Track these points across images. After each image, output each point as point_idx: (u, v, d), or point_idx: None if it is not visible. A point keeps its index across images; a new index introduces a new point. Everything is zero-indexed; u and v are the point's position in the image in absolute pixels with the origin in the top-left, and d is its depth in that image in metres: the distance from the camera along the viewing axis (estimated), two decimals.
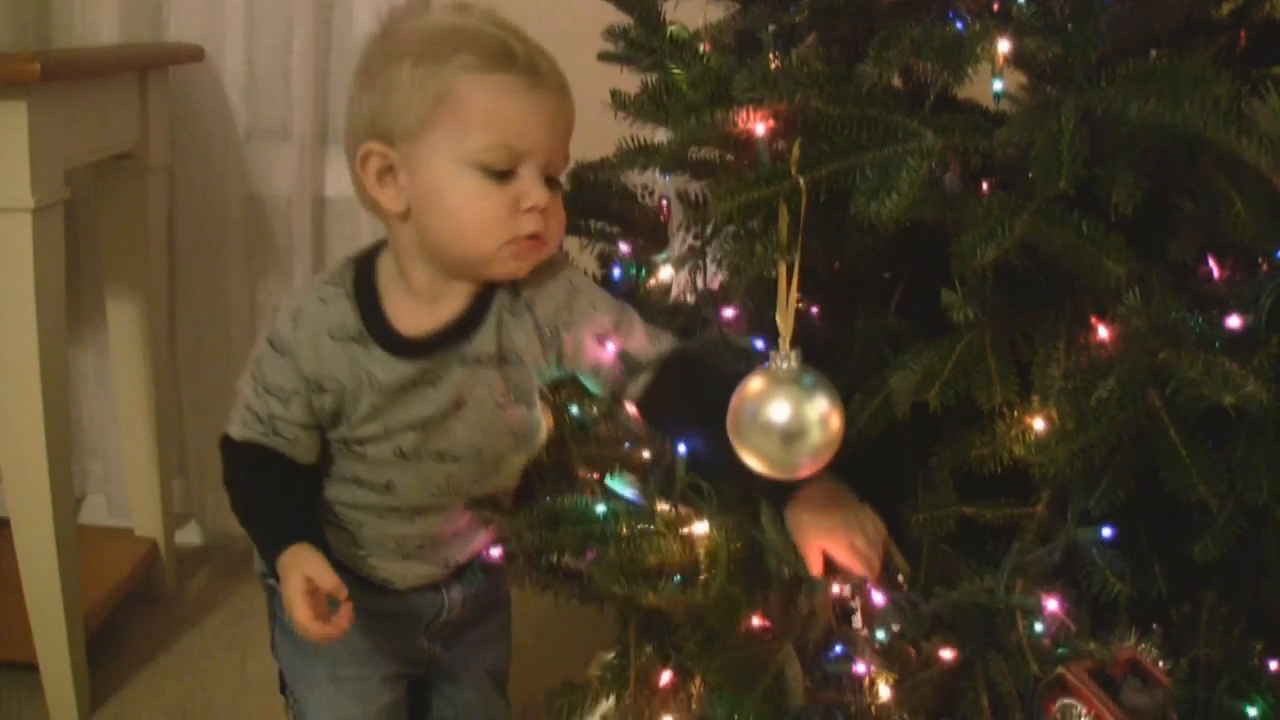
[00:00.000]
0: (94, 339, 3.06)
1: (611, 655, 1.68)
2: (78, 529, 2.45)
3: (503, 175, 1.48)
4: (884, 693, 1.46)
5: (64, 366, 2.30)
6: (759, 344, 1.53)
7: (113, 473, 3.12)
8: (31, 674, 2.39)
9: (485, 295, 1.59)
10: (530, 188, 1.49)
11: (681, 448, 1.54)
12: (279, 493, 1.66)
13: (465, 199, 1.48)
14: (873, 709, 1.47)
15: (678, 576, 1.47)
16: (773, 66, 1.44)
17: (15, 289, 2.11)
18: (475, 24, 1.51)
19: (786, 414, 1.32)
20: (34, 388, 2.16)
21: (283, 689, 1.90)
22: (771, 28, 1.55)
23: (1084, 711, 1.41)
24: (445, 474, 1.66)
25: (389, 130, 1.49)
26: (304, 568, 1.53)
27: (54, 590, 2.28)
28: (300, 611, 1.51)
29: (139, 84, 2.58)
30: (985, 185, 1.39)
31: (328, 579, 1.52)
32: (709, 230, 1.61)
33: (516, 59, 1.47)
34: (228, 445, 1.67)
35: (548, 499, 1.63)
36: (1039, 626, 1.38)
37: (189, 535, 3.23)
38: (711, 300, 1.64)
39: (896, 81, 1.46)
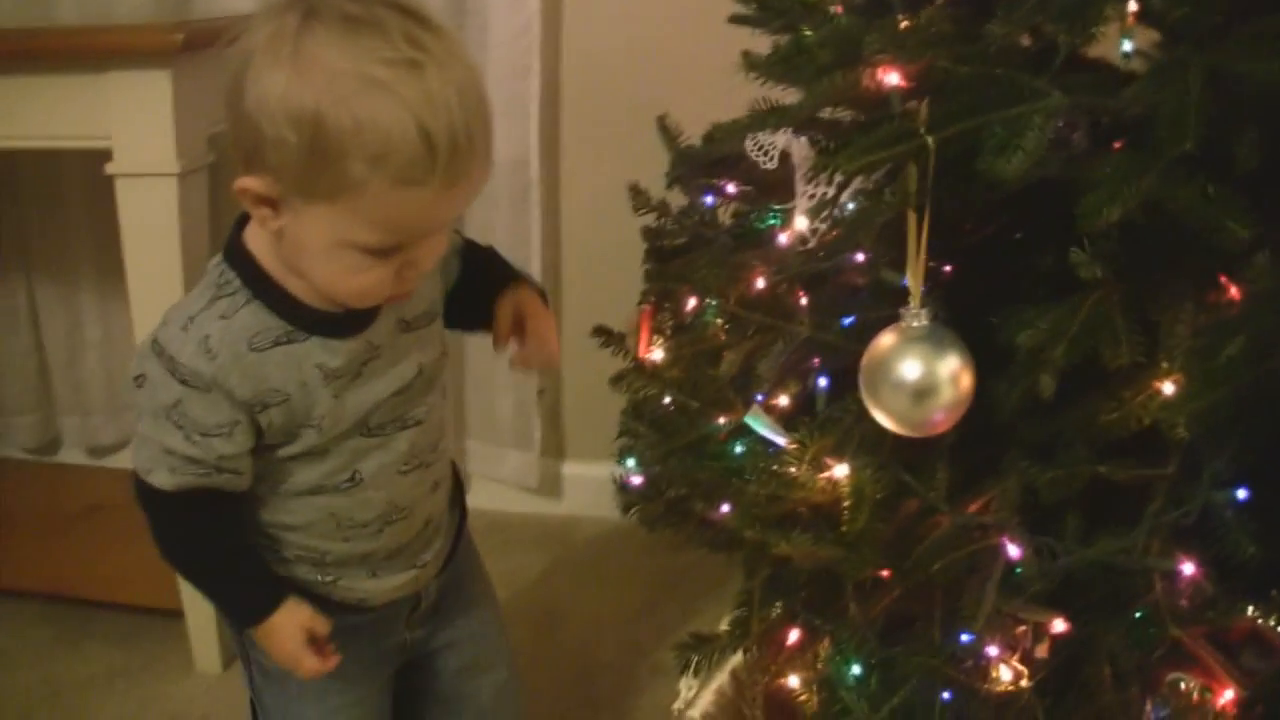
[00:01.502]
0: None
1: (738, 609, 1.70)
2: None
3: (390, 251, 1.32)
4: (1005, 674, 1.49)
5: None
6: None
7: None
8: (176, 620, 2.47)
9: None
10: (421, 256, 1.35)
11: (823, 381, 1.56)
12: (236, 541, 1.51)
13: (341, 273, 1.33)
14: (995, 689, 1.50)
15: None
16: (902, 27, 1.44)
17: (161, 252, 2.17)
18: (403, 108, 1.21)
19: (918, 371, 1.33)
20: None
21: None
22: None
23: (1194, 685, 1.41)
24: (409, 441, 1.52)
25: (275, 173, 1.27)
26: (299, 620, 1.47)
27: None
28: (309, 663, 1.48)
29: None
30: (1115, 146, 1.38)
31: (322, 625, 1.49)
32: (838, 187, 1.61)
33: (436, 162, 1.23)
34: (154, 496, 1.44)
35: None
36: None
37: None
38: (840, 249, 1.64)
39: (1025, 41, 1.45)
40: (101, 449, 3.30)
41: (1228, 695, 1.40)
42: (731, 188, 1.88)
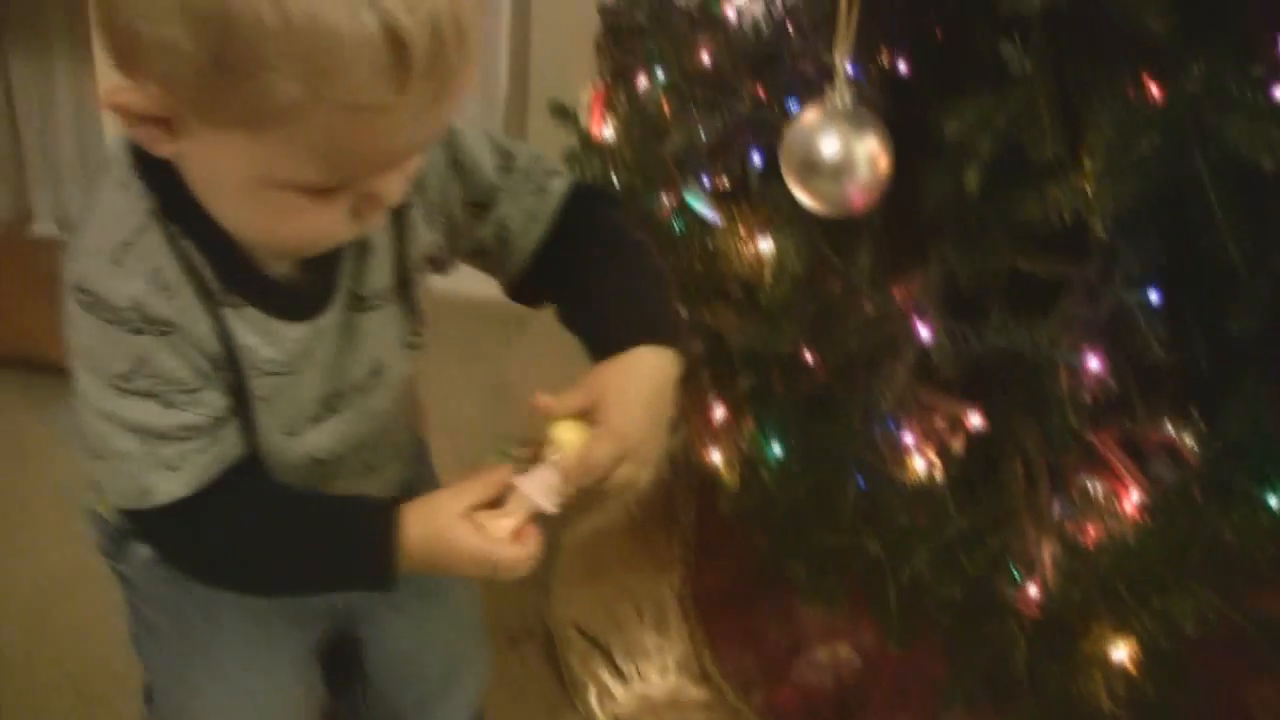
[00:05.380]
0: None
1: None
2: None
3: (338, 189, 0.98)
4: (919, 465, 1.52)
5: None
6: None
7: None
8: None
9: None
10: (385, 188, 1.01)
11: (756, 158, 1.55)
12: (296, 503, 1.18)
13: (267, 216, 1.00)
14: (909, 479, 1.53)
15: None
16: None
17: None
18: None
19: (835, 149, 1.35)
20: None
21: (149, 698, 1.56)
22: None
23: (1102, 489, 1.45)
24: (346, 448, 1.25)
25: (164, 84, 0.91)
26: (446, 510, 1.11)
27: None
28: (508, 553, 1.11)
29: None
30: None
31: (481, 490, 1.13)
32: None
33: (410, 73, 0.88)
34: (170, 521, 1.10)
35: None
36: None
37: None
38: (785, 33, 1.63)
39: None
40: (70, 221, 3.29)
41: (1133, 499, 1.45)
42: None
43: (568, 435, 1.11)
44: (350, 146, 0.91)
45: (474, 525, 1.10)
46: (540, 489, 1.10)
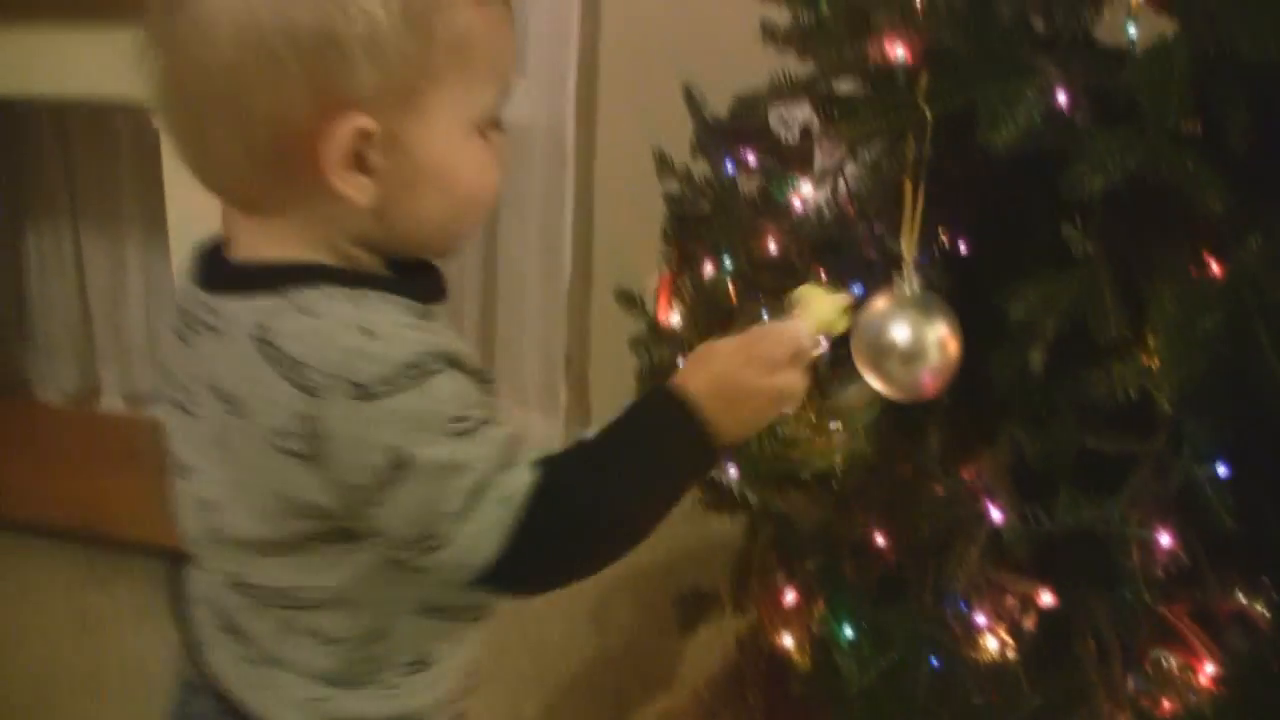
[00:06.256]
0: None
1: (738, 569, 1.74)
2: None
3: (498, 119, 1.09)
4: (992, 644, 1.52)
5: None
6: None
7: None
8: None
9: None
10: (500, 137, 1.10)
11: (823, 345, 1.54)
12: (598, 439, 1.12)
13: (477, 171, 1.07)
14: (982, 658, 1.53)
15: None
16: (916, 4, 1.48)
17: (203, 201, 2.17)
18: None
19: (906, 335, 1.37)
20: None
21: None
22: None
23: (1176, 663, 1.44)
24: None
25: (364, 95, 0.97)
26: (727, 350, 1.16)
27: None
28: (793, 375, 1.16)
29: None
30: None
31: (746, 336, 1.17)
32: (842, 156, 1.64)
33: None
34: (537, 502, 1.02)
35: None
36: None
37: None
38: (848, 219, 1.67)
39: (1040, 25, 1.48)
40: (138, 397, 3.35)
41: (1208, 671, 1.44)
42: (752, 158, 1.92)
43: (813, 293, 1.23)
44: (501, 51, 1.04)
45: (752, 359, 1.14)
46: (799, 330, 1.19)
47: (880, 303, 1.40)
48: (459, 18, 0.98)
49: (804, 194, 1.71)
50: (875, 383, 1.40)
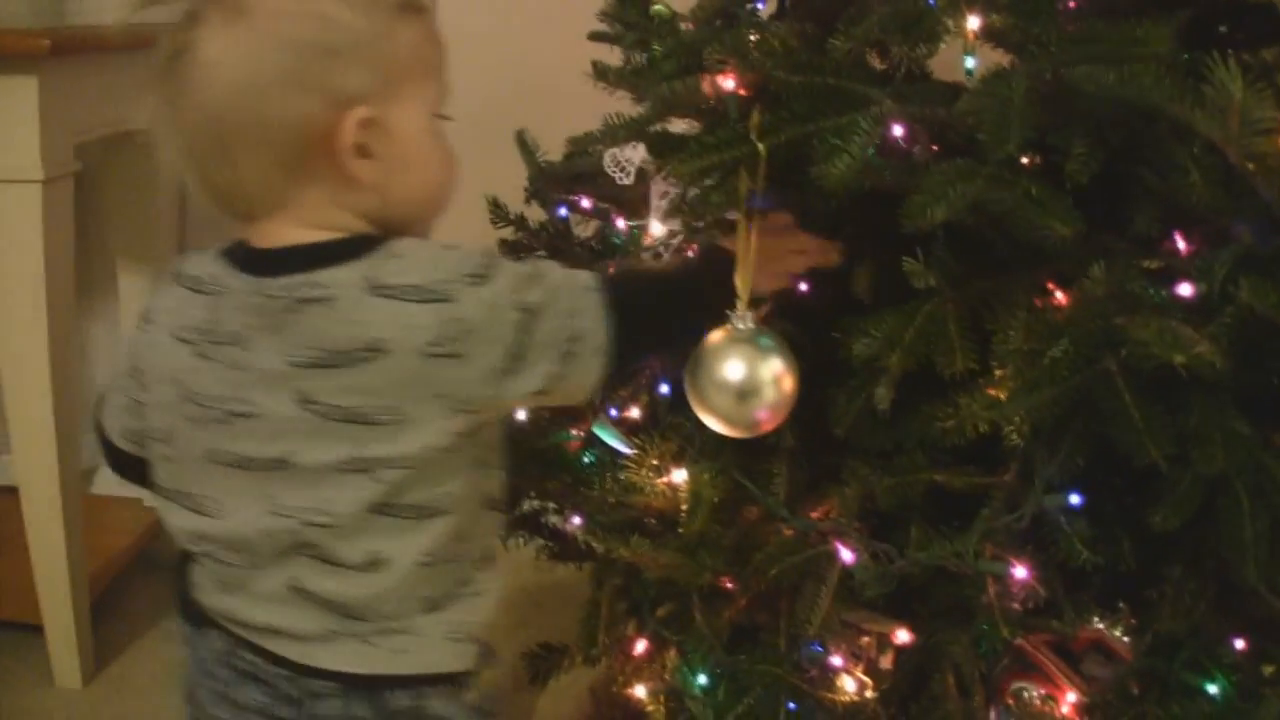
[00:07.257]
0: (106, 311, 3.10)
1: (586, 620, 1.71)
2: (88, 499, 2.54)
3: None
4: (849, 684, 1.51)
5: (72, 337, 2.34)
6: None
7: None
8: (36, 635, 2.43)
9: None
10: (444, 127, 1.32)
11: (664, 389, 1.57)
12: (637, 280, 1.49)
13: (444, 156, 1.30)
14: (840, 699, 1.52)
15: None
16: (751, 40, 1.46)
17: (25, 259, 2.15)
18: None
19: (741, 372, 1.35)
20: (42, 358, 2.20)
21: None
22: (751, 5, 1.57)
23: (1038, 693, 1.44)
24: None
25: (360, 91, 1.19)
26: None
27: (59, 554, 2.33)
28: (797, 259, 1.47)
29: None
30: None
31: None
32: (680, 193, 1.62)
33: None
34: (604, 294, 1.30)
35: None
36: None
37: None
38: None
39: (877, 62, 1.47)
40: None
41: (1070, 700, 1.44)
42: (586, 202, 1.90)
43: None
44: (440, 52, 1.28)
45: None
46: None
47: (714, 339, 1.38)
48: (413, 23, 1.23)
49: (650, 231, 1.70)
50: (710, 420, 1.38)
